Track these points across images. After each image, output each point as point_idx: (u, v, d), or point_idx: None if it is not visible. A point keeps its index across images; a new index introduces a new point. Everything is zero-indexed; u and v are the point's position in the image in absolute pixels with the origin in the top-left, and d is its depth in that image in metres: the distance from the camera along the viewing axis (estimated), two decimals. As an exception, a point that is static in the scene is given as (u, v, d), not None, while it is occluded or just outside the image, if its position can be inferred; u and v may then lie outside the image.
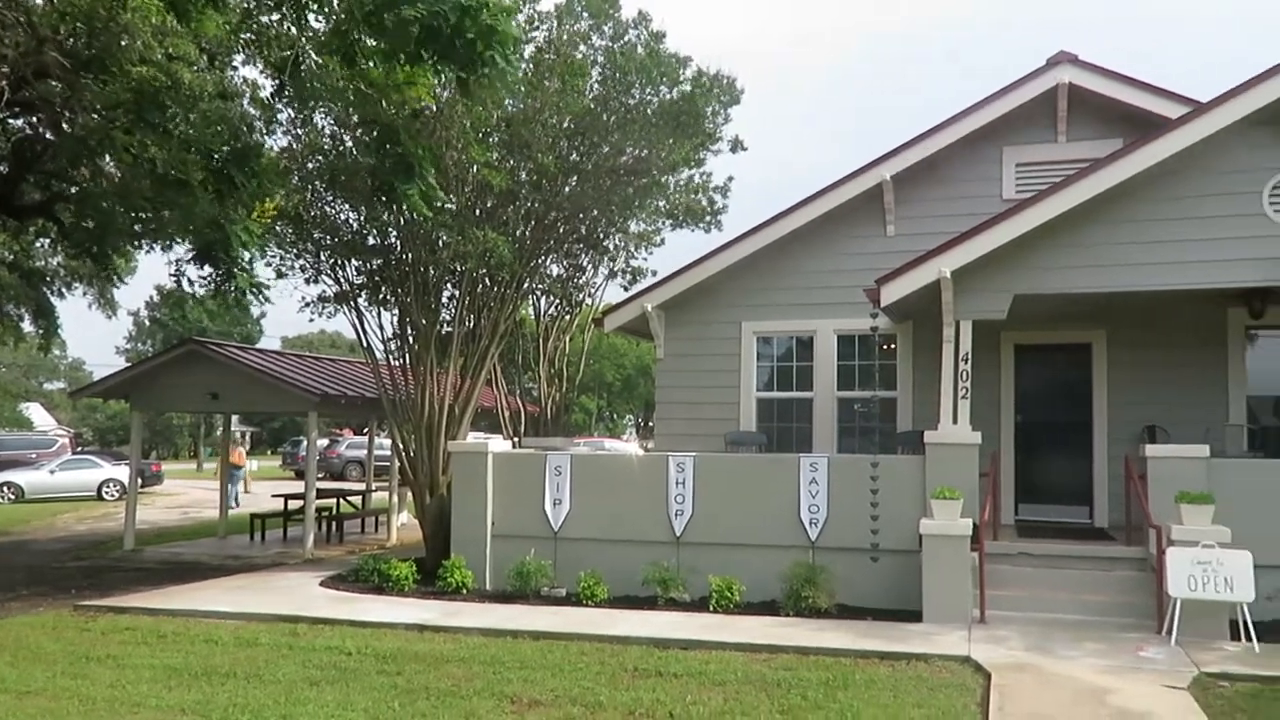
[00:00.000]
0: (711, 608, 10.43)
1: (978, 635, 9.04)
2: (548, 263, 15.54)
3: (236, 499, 24.22)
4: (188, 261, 11.25)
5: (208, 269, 11.01)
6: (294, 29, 9.10)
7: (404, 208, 9.87)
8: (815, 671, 7.94)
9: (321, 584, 12.32)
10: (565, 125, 12.84)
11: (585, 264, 16.68)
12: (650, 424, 13.84)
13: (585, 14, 12.66)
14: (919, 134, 13.08)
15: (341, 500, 19.54)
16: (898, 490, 10.73)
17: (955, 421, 10.64)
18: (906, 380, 13.25)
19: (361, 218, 13.39)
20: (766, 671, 7.99)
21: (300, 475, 32.21)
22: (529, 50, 12.36)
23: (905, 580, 10.31)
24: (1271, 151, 9.91)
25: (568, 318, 17.82)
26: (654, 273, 17.16)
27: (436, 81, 8.95)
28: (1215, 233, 10.00)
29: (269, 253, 13.73)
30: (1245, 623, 8.66)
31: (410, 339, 14.01)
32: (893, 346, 13.41)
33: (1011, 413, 12.84)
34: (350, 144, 12.46)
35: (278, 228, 13.07)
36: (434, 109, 11.17)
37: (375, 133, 9.61)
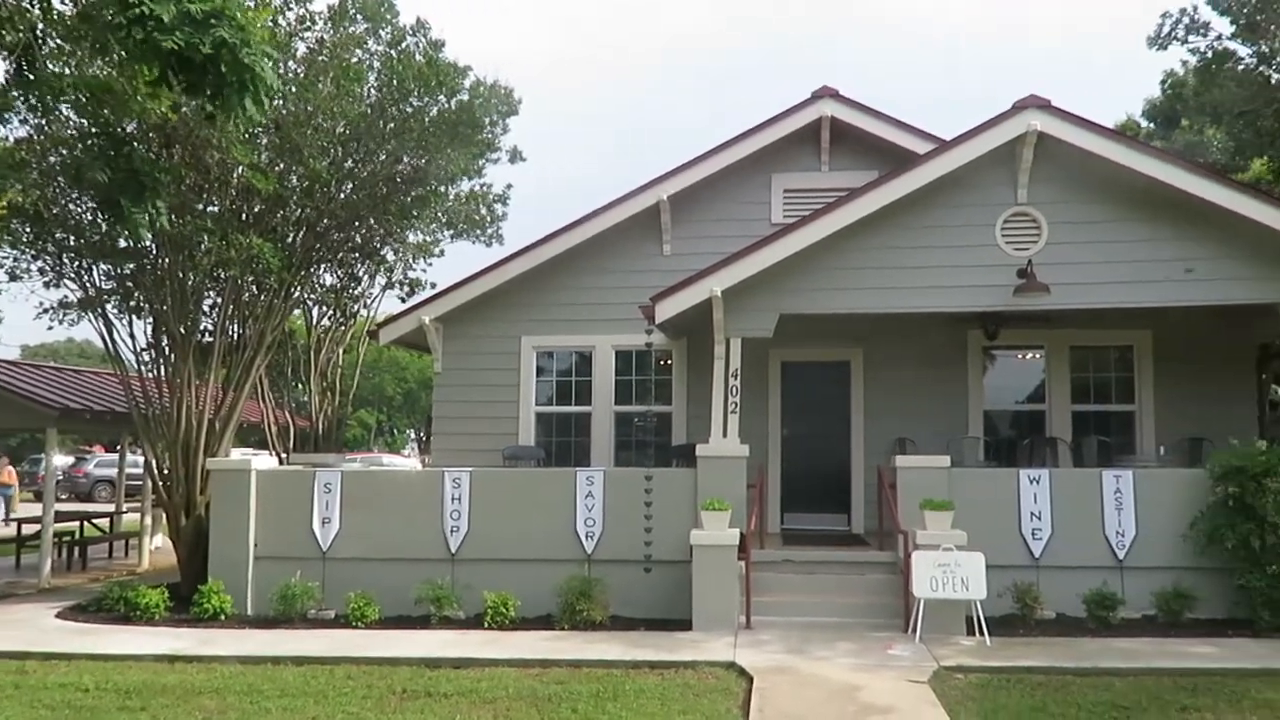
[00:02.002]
0: (486, 624, 10.31)
1: (743, 641, 9.39)
2: (320, 271, 14.97)
3: (5, 520, 21.98)
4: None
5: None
6: (36, 9, 8.31)
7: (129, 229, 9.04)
8: (587, 684, 7.99)
9: (59, 615, 11.27)
10: (340, 130, 12.42)
11: (361, 274, 16.18)
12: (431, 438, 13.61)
13: (361, 17, 12.31)
14: (695, 157, 13.52)
15: (86, 523, 17.97)
16: (671, 502, 11.00)
17: (725, 435, 11.04)
18: (681, 395, 13.64)
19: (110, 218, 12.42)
20: (538, 686, 7.97)
21: (40, 497, 29.39)
22: (300, 50, 11.88)
23: (677, 590, 10.57)
24: (1004, 189, 10.92)
25: (342, 329, 17.21)
26: (433, 284, 16.87)
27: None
28: (956, 261, 10.90)
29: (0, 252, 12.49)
30: (979, 619, 9.44)
31: (167, 349, 13.10)
32: (669, 362, 13.77)
33: (778, 426, 13.46)
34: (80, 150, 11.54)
35: (13, 225, 11.91)
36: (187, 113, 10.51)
37: (105, 141, 8.77)
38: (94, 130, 9.91)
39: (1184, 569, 10.36)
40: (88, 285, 13.15)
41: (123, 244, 12.71)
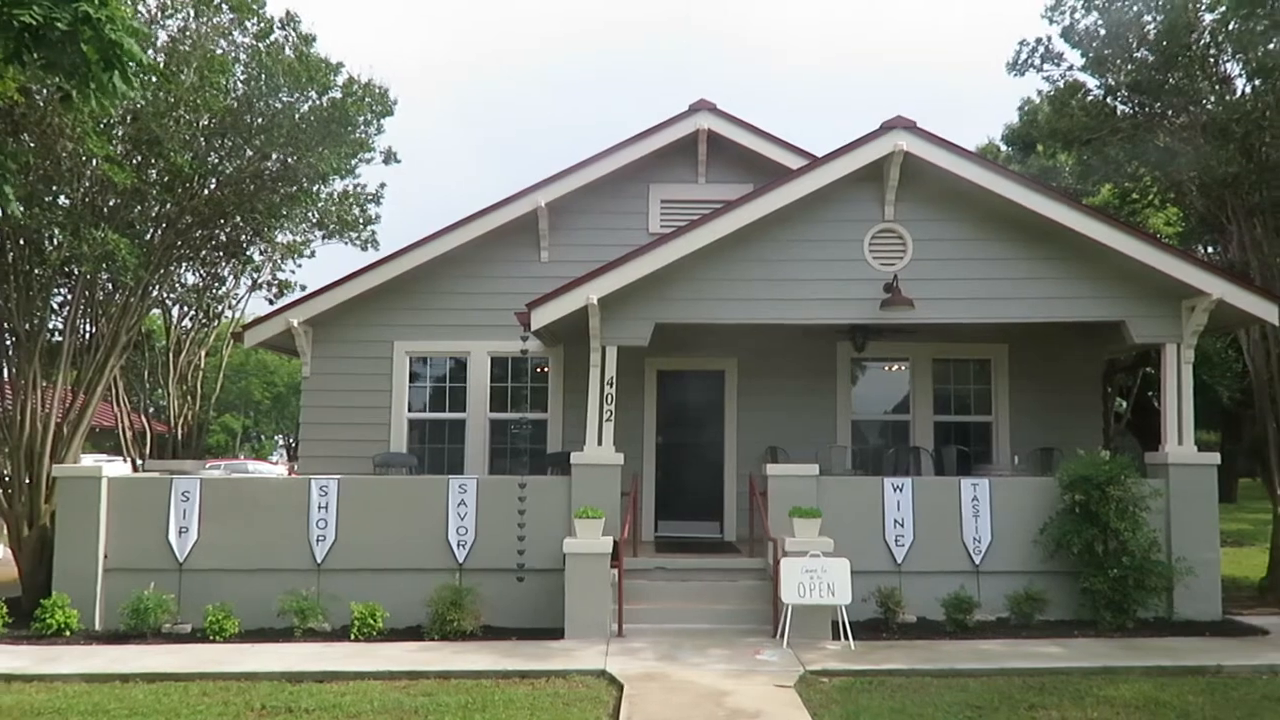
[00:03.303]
0: (353, 636, 10.05)
1: (615, 649, 9.39)
2: (182, 270, 14.33)
3: None
4: None
5: None
6: None
7: None
8: (455, 695, 7.86)
9: (-121, 635, 10.45)
10: (204, 123, 11.92)
11: (225, 273, 15.57)
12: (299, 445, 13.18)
13: (227, 7, 11.83)
14: (574, 164, 13.51)
15: (-85, 535, 16.73)
16: (545, 510, 10.94)
17: (600, 443, 11.06)
18: (558, 402, 13.59)
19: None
20: (405, 699, 7.79)
21: None
22: (161, 38, 11.36)
23: (551, 599, 10.51)
24: (872, 206, 11.27)
25: (205, 330, 16.53)
26: (303, 286, 16.36)
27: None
28: (827, 274, 11.20)
29: None
30: (844, 623, 9.69)
31: (9, 348, 12.32)
32: (545, 369, 13.71)
33: (653, 434, 13.55)
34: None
35: None
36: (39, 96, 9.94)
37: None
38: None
39: (1035, 573, 10.87)
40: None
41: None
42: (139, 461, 15.65)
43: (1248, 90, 13.15)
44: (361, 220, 15.57)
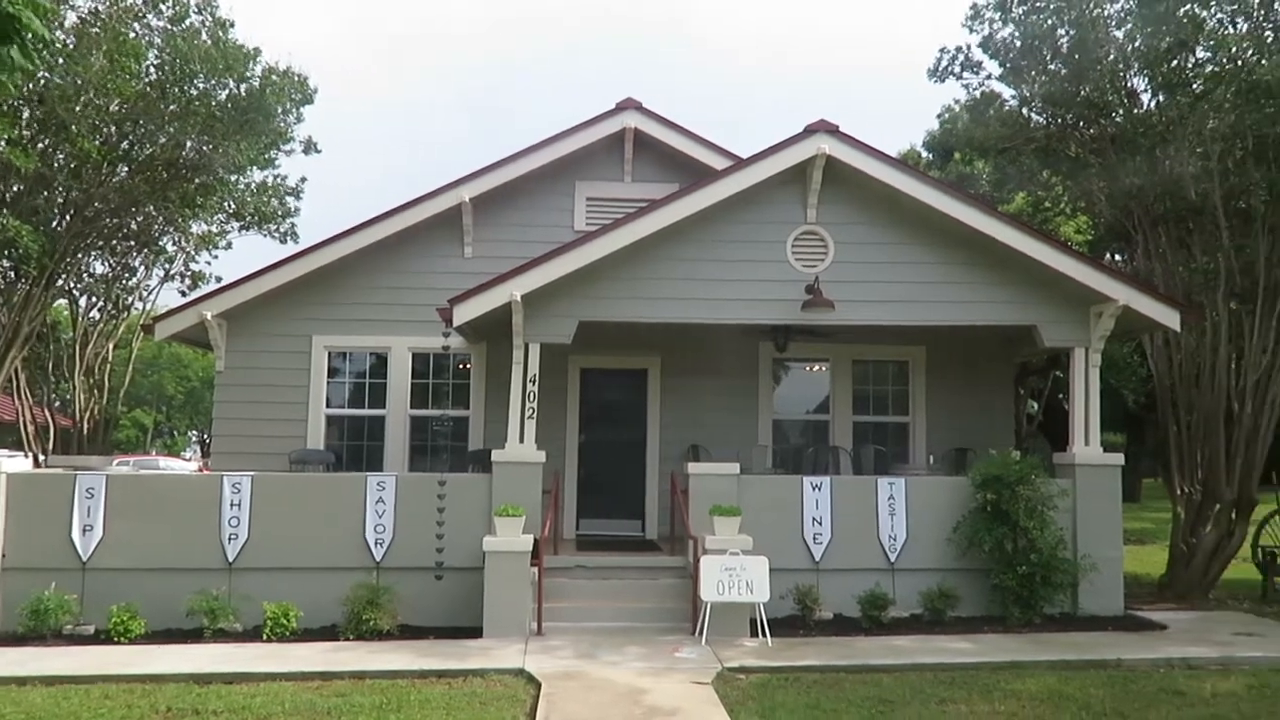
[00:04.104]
0: (265, 637, 9.83)
1: (534, 647, 9.35)
2: (90, 260, 13.86)
3: None
4: None
5: None
6: None
7: None
8: (370, 696, 7.74)
9: None
10: (114, 109, 11.56)
11: (136, 264, 15.10)
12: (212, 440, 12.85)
13: (140, -11, 11.53)
14: (499, 159, 13.41)
15: None
16: (465, 508, 10.84)
17: (522, 440, 11.00)
18: (480, 399, 13.47)
19: None
20: (318, 700, 7.65)
21: None
22: (70, 19, 10.98)
23: (469, 597, 10.41)
24: (795, 208, 11.41)
25: (114, 322, 16.00)
26: (219, 279, 15.96)
27: None
28: (750, 275, 11.29)
29: None
30: (762, 621, 9.78)
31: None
32: (467, 366, 13.58)
33: (576, 432, 13.52)
34: None
35: None
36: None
37: None
38: None
39: (948, 570, 11.12)
40: None
41: None
42: (42, 457, 15.09)
43: (1153, 104, 13.64)
44: (281, 212, 15.24)
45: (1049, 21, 13.75)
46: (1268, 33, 12.77)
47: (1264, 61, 12.41)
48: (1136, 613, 11.34)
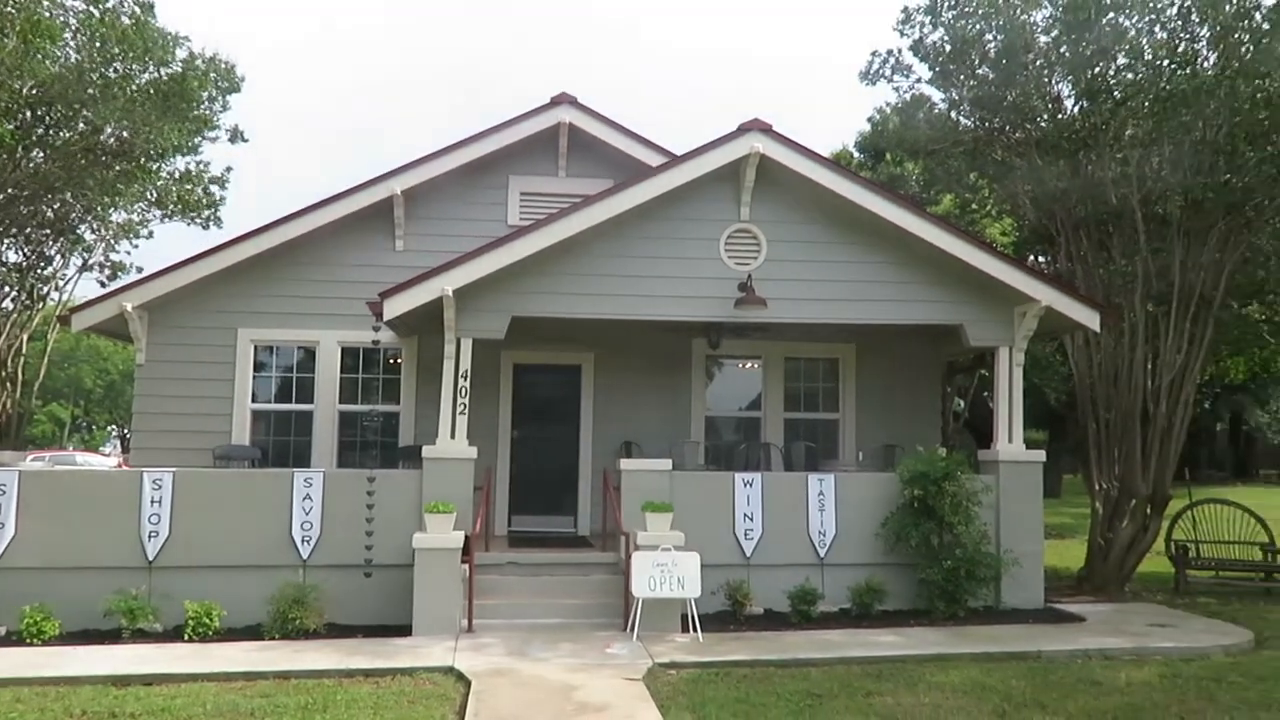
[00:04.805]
0: (187, 636, 9.59)
1: (464, 645, 9.27)
2: (2, 248, 13.37)
3: None
4: None
5: None
6: None
7: None
8: (295, 696, 7.59)
9: None
10: (29, 91, 11.14)
11: (53, 253, 14.60)
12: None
13: (57, -32, 11.12)
14: (432, 152, 13.24)
15: None
16: (396, 505, 10.70)
17: (454, 436, 10.89)
18: (410, 395, 13.30)
19: None
20: (241, 701, 7.48)
21: None
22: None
23: (399, 595, 10.28)
24: (729, 206, 11.47)
25: (28, 313, 15.46)
26: (140, 269, 15.55)
27: None
28: (683, 272, 11.33)
29: None
30: (693, 616, 9.82)
31: None
32: (398, 361, 13.41)
33: (509, 428, 13.43)
34: None
35: None
36: None
37: None
38: None
39: (876, 565, 11.29)
40: None
41: None
42: (-50, 452, 14.52)
43: (1076, 111, 14.00)
44: (205, 201, 14.86)
45: (977, 27, 14.03)
46: (1183, 42, 13.19)
47: (1180, 71, 12.83)
48: (1056, 605, 11.64)
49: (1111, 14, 13.03)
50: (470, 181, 13.49)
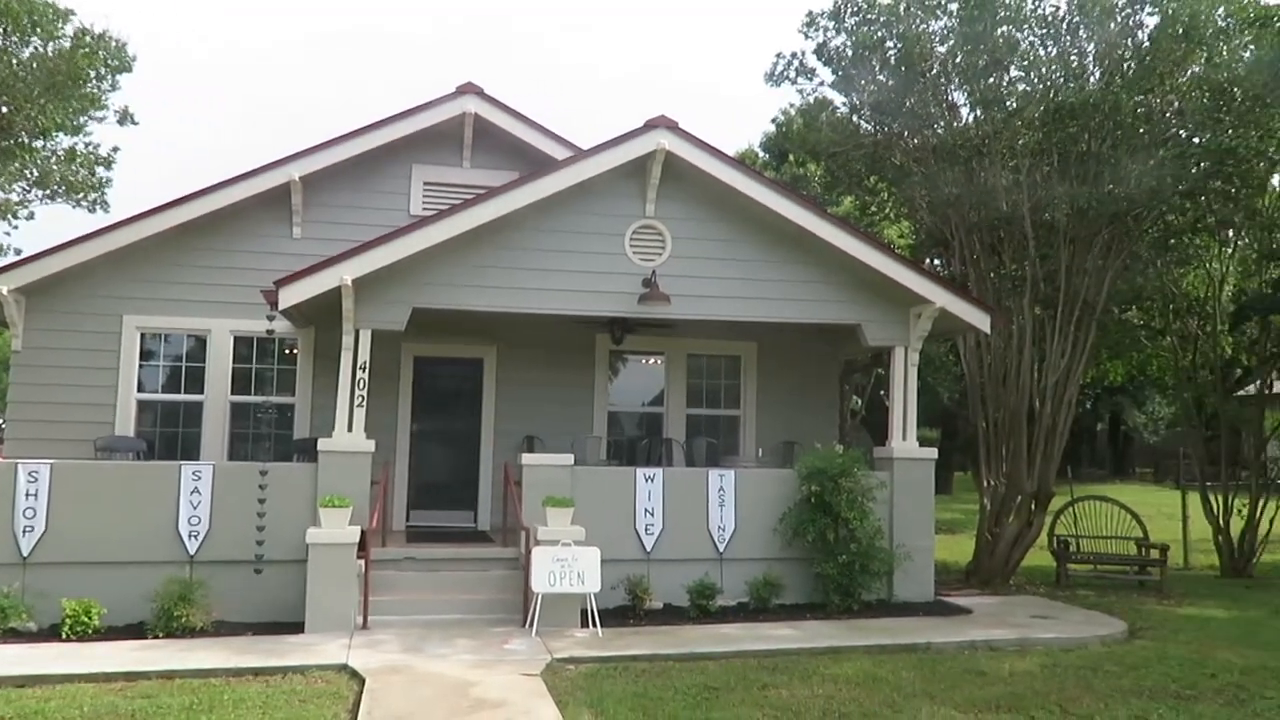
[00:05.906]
0: (65, 636, 9.16)
1: (359, 642, 9.09)
2: None
3: None
4: None
5: None
6: None
7: None
8: (179, 696, 7.33)
9: None
10: (-103, 60, 10.54)
11: (-78, 232, 13.81)
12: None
13: (-70, -69, 10.51)
14: (332, 138, 12.92)
15: None
16: (289, 499, 10.42)
17: (351, 429, 10.67)
18: (307, 386, 12.98)
19: None
20: (121, 702, 7.19)
21: None
22: None
23: (292, 592, 10.02)
24: (634, 201, 11.49)
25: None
26: (18, 251, 14.78)
27: None
28: (588, 266, 11.30)
29: None
30: (592, 611, 9.82)
31: None
32: (294, 351, 13.07)
33: (408, 421, 13.22)
34: None
35: None
36: None
37: None
38: None
39: (774, 560, 11.47)
40: None
41: None
42: None
43: (971, 119, 14.45)
44: (90, 183, 14.21)
45: (879, 33, 14.35)
46: (1073, 57, 13.73)
47: (1069, 85, 13.34)
48: (946, 598, 12.01)
49: (1006, 26, 13.47)
50: (372, 169, 13.23)
